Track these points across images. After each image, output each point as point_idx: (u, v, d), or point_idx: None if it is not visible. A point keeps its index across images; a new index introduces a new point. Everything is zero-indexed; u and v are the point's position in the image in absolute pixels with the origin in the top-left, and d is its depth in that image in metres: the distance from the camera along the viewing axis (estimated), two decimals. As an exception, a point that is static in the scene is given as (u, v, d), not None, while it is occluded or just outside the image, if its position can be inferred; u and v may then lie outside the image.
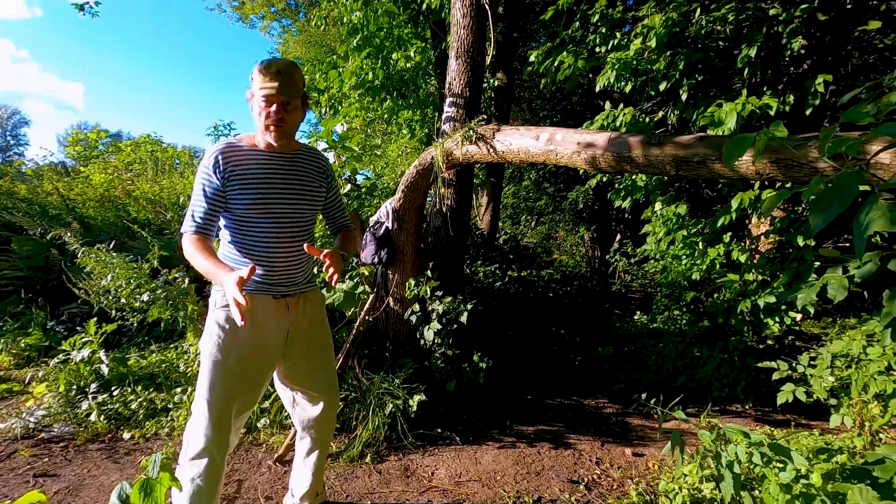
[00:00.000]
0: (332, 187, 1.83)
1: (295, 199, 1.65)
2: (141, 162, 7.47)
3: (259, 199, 1.57)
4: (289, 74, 1.52)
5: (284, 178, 1.63)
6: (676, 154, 1.85)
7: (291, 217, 1.65)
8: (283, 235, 1.63)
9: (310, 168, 1.71)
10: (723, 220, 4.13)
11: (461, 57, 3.55)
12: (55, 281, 3.87)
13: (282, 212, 1.62)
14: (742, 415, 3.55)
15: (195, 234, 1.55)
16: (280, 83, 1.50)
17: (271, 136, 1.57)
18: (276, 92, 1.50)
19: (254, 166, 1.59)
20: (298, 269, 1.72)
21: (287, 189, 1.63)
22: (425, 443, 2.73)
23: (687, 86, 3.81)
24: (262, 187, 1.58)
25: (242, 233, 1.61)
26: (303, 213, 1.69)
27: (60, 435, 2.58)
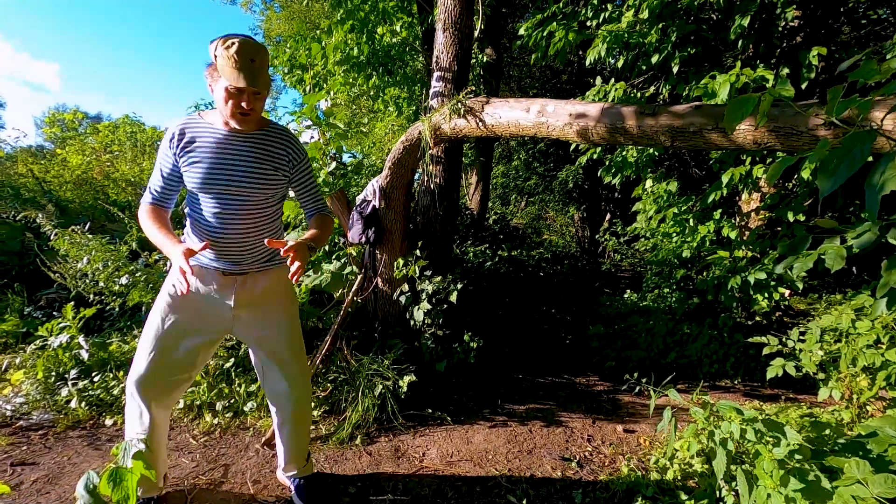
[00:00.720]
0: (300, 169, 1.74)
1: (242, 180, 1.60)
2: (120, 143, 7.23)
3: (205, 177, 1.56)
4: (262, 62, 1.47)
5: (235, 159, 1.59)
6: (672, 124, 1.79)
7: (236, 198, 1.61)
8: (229, 216, 1.62)
9: (268, 149, 1.64)
10: (714, 195, 4.10)
11: (448, 29, 3.43)
12: (31, 266, 3.74)
13: (225, 192, 1.59)
14: (731, 390, 3.58)
15: (150, 204, 1.61)
16: (254, 73, 1.44)
17: (238, 123, 1.55)
18: (248, 83, 1.44)
19: (208, 144, 1.57)
20: (248, 249, 1.70)
21: (235, 170, 1.58)
22: (416, 423, 2.70)
23: (679, 58, 3.73)
24: (210, 166, 1.56)
25: (193, 208, 1.64)
26: (250, 195, 1.63)
27: (39, 423, 2.50)
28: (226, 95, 1.48)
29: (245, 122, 1.55)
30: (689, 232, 4.51)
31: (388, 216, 3.13)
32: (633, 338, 4.21)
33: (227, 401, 2.65)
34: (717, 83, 3.21)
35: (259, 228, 1.69)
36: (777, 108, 1.61)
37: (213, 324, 1.71)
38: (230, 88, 1.47)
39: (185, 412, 2.62)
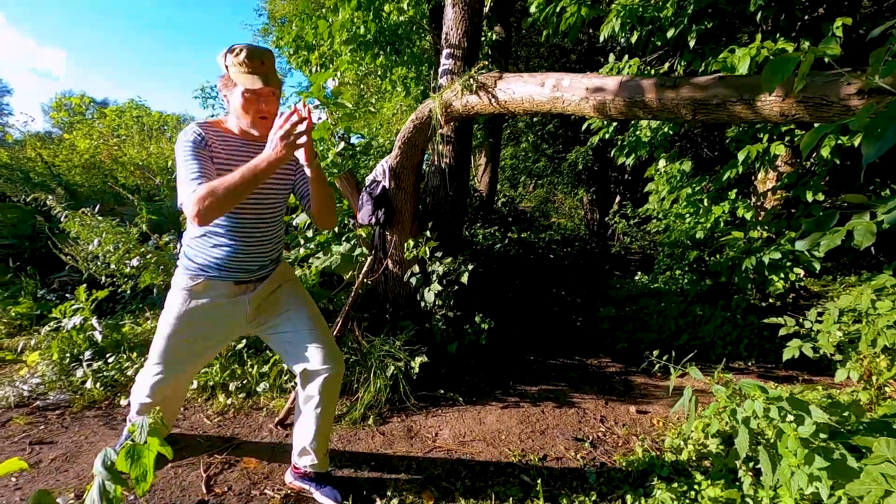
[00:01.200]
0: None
1: (269, 192, 1.62)
2: (127, 127, 7.21)
3: None
4: (271, 63, 1.49)
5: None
6: (693, 96, 1.73)
7: (262, 210, 1.62)
8: (254, 227, 1.62)
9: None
10: (729, 174, 4.01)
11: (458, 4, 3.34)
12: (43, 249, 3.75)
13: (254, 209, 1.60)
14: (745, 371, 3.54)
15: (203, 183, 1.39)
16: (268, 75, 1.46)
17: (260, 129, 1.54)
18: (264, 83, 1.46)
19: (226, 154, 1.53)
20: (264, 257, 1.69)
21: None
22: (428, 404, 2.70)
23: (696, 32, 3.61)
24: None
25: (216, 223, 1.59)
26: (274, 203, 1.66)
27: (56, 402, 2.53)
28: (244, 102, 1.49)
29: (265, 127, 1.53)
30: (702, 213, 4.43)
31: (398, 197, 3.09)
32: (644, 320, 4.17)
33: (239, 381, 2.66)
34: (736, 57, 3.11)
35: (274, 234, 1.70)
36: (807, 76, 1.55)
37: (228, 332, 1.73)
38: (246, 94, 1.48)
39: (199, 392, 2.63)
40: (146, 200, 4.78)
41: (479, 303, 3.81)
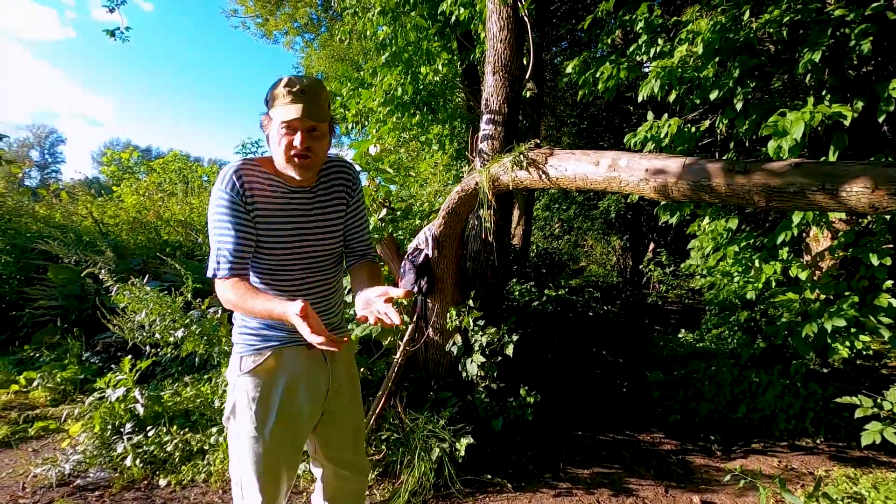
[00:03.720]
0: (355, 202, 1.50)
1: (322, 238, 1.41)
2: (171, 182, 7.52)
3: (283, 241, 1.34)
4: (315, 94, 1.24)
5: (308, 217, 1.38)
6: (767, 183, 1.64)
7: (319, 258, 1.42)
8: (311, 279, 1.41)
9: (331, 192, 1.43)
10: (783, 236, 3.84)
11: (499, 72, 3.39)
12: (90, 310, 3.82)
13: (309, 255, 1.39)
14: (814, 451, 3.26)
15: (231, 278, 1.25)
16: (305, 104, 1.21)
17: (295, 170, 1.28)
18: (302, 115, 1.20)
19: (275, 199, 1.32)
20: (331, 310, 1.48)
21: (312, 228, 1.39)
22: (474, 490, 2.54)
23: (742, 94, 3.55)
24: (285, 227, 1.34)
25: (263, 272, 1.37)
26: (330, 250, 1.45)
27: (96, 482, 2.48)
28: (278, 137, 1.26)
29: (303, 168, 1.28)
30: (753, 272, 4.23)
31: (440, 264, 3.04)
32: (696, 386, 3.92)
33: (279, 461, 2.56)
34: (787, 121, 3.02)
35: (337, 285, 1.50)
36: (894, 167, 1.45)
37: (312, 409, 1.42)
38: (280, 126, 1.24)
39: (238, 473, 2.54)
40: (187, 257, 4.88)
41: (520, 366, 3.66)
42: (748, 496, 2.60)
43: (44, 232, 4.62)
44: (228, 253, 1.26)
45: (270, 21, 15.73)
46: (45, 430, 3.01)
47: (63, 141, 50.61)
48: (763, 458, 3.08)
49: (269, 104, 1.28)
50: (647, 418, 3.63)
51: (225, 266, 1.26)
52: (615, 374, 4.44)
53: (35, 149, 47.94)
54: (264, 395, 1.35)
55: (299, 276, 1.39)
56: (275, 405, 1.36)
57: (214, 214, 1.27)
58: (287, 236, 1.35)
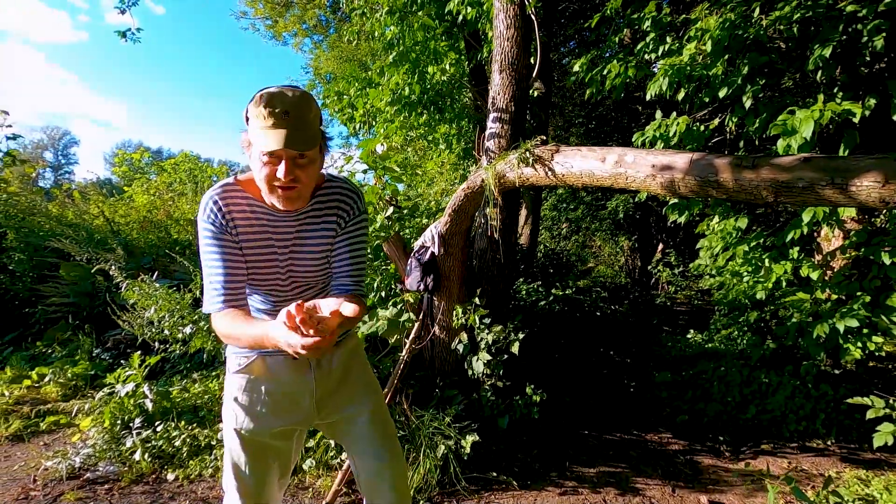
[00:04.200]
0: (351, 226, 1.33)
1: (310, 263, 1.31)
2: (181, 182, 7.60)
3: (257, 272, 1.26)
4: (300, 114, 1.08)
5: (292, 243, 1.27)
6: (776, 178, 1.62)
7: (310, 282, 1.34)
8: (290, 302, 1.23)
9: (325, 218, 1.30)
10: (792, 234, 3.79)
11: (505, 70, 3.39)
12: (101, 307, 3.87)
13: (299, 279, 1.32)
14: (825, 452, 3.21)
15: (225, 309, 1.18)
16: (289, 129, 1.06)
17: (279, 201, 1.15)
18: (285, 143, 1.05)
19: (257, 224, 1.22)
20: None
21: (298, 254, 1.29)
22: (479, 487, 2.53)
23: (752, 92, 3.52)
24: (269, 253, 1.25)
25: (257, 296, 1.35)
26: (314, 279, 1.34)
27: (105, 475, 2.51)
28: (259, 164, 1.12)
29: (290, 201, 1.15)
30: (763, 272, 4.18)
31: (446, 262, 3.05)
32: (704, 387, 3.89)
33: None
34: (797, 119, 2.99)
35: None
36: (907, 161, 1.43)
37: (296, 419, 1.38)
38: (262, 151, 1.08)
39: (245, 468, 2.56)
40: (196, 255, 4.93)
41: (527, 365, 3.65)
42: (757, 497, 2.57)
43: (56, 230, 4.69)
44: (220, 285, 1.18)
45: (280, 23, 15.85)
46: (57, 424, 3.05)
47: (76, 142, 51.36)
48: (772, 459, 3.04)
49: (248, 122, 1.13)
50: (654, 418, 3.60)
51: (218, 299, 1.18)
52: (622, 374, 4.42)
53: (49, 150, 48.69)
54: (247, 395, 1.33)
55: (293, 299, 1.32)
56: (256, 407, 1.33)
57: (202, 247, 1.20)
58: (272, 262, 1.26)
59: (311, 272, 1.32)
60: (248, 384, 1.34)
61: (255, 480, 1.34)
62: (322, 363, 1.39)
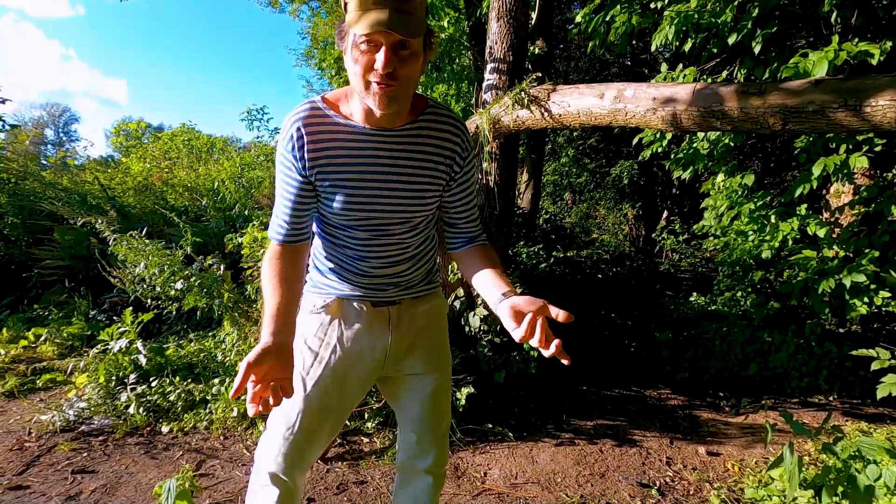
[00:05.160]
0: (465, 172, 1.17)
1: (404, 202, 1.12)
2: (177, 150, 7.50)
3: (349, 204, 1.10)
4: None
5: (390, 173, 1.09)
6: (784, 103, 1.52)
7: (398, 224, 1.15)
8: (385, 243, 1.17)
9: (430, 145, 1.11)
10: (801, 189, 3.67)
11: (503, 17, 3.23)
12: (96, 270, 3.84)
13: (383, 221, 1.14)
14: (826, 407, 3.18)
15: (280, 245, 1.13)
16: (391, 12, 0.91)
17: (374, 100, 0.97)
18: (387, 25, 0.90)
19: (345, 153, 1.07)
20: (409, 270, 1.23)
21: (392, 188, 1.10)
22: (475, 439, 2.51)
23: (762, 37, 3.34)
24: (355, 189, 1.09)
25: (325, 231, 1.20)
26: (415, 215, 1.15)
27: (100, 428, 2.50)
28: (355, 55, 0.96)
29: (386, 97, 0.96)
30: (768, 230, 4.08)
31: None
32: (706, 346, 3.85)
33: (279, 410, 2.56)
34: (810, 62, 2.83)
35: (418, 250, 1.23)
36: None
37: (363, 373, 1.25)
38: (361, 35, 0.93)
39: (239, 421, 2.55)
40: (194, 221, 4.87)
41: (526, 326, 3.62)
42: (756, 448, 2.54)
43: (49, 194, 4.63)
44: (277, 217, 1.14)
45: (276, -11, 15.37)
46: (53, 381, 3.05)
47: (77, 119, 50.93)
48: (773, 414, 3.01)
49: (345, 7, 0.98)
50: (654, 376, 3.57)
51: (274, 230, 1.14)
52: (624, 335, 4.38)
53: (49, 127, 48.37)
54: (318, 339, 1.23)
55: (363, 236, 1.16)
56: (326, 351, 1.22)
57: (277, 172, 1.12)
58: (357, 196, 1.10)
59: (401, 205, 1.13)
60: (321, 328, 1.23)
61: (307, 430, 1.19)
62: (403, 318, 1.25)
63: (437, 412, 1.29)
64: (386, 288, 1.22)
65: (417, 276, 1.26)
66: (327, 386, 1.20)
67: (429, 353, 1.29)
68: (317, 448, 1.24)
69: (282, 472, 1.17)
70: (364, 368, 1.24)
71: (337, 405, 1.24)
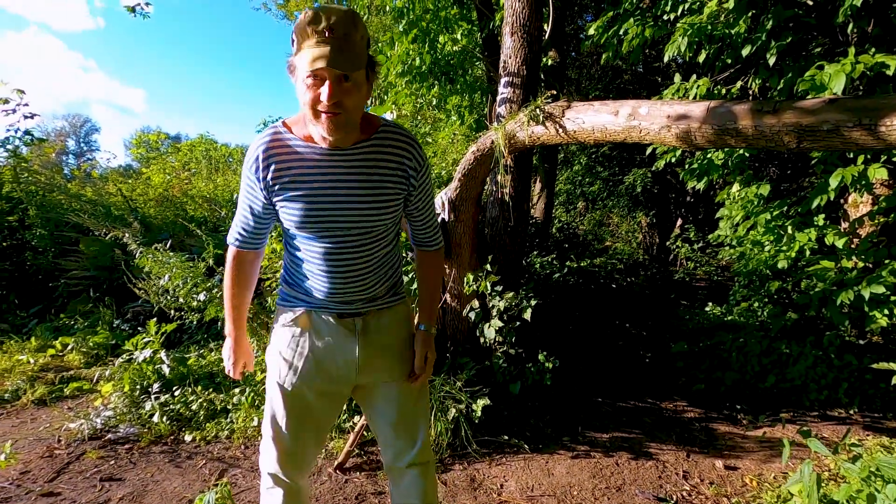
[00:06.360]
0: (421, 185, 1.30)
1: (362, 212, 1.21)
2: (196, 161, 7.67)
3: (309, 216, 1.19)
4: (346, 32, 1.03)
5: (347, 185, 1.19)
6: (799, 122, 1.54)
7: (357, 235, 1.24)
8: (342, 256, 1.24)
9: (384, 161, 1.21)
10: (818, 200, 3.65)
11: (517, 32, 3.28)
12: (120, 280, 3.95)
13: (344, 232, 1.22)
14: (846, 421, 3.14)
15: (237, 249, 1.32)
16: (332, 48, 1.01)
17: (323, 127, 1.09)
18: (328, 62, 1.00)
19: (306, 171, 1.17)
20: (373, 284, 1.31)
21: (350, 200, 1.19)
22: (491, 450, 2.54)
23: (776, 48, 3.35)
24: (315, 202, 1.19)
25: (291, 244, 1.30)
26: (374, 225, 1.24)
27: (126, 436, 2.58)
28: (303, 87, 1.07)
29: (333, 125, 1.08)
30: (785, 240, 4.05)
31: (457, 229, 3.01)
32: (722, 357, 3.82)
33: (299, 420, 2.62)
34: (826, 74, 2.83)
35: (380, 262, 1.31)
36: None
37: (336, 379, 1.33)
38: (306, 70, 1.03)
39: (259, 430, 2.60)
40: (213, 232, 4.98)
41: (540, 336, 3.63)
42: (774, 462, 2.52)
43: (75, 206, 4.78)
44: (237, 226, 1.31)
45: (291, 1, 15.70)
46: (80, 390, 3.15)
47: (97, 129, 52.10)
48: (792, 428, 2.98)
49: (293, 45, 1.09)
50: (670, 387, 3.55)
51: (233, 237, 1.32)
52: (638, 346, 4.36)
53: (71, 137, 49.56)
54: (291, 350, 1.32)
55: (326, 248, 1.24)
56: (300, 362, 1.30)
57: (241, 188, 1.27)
58: (316, 210, 1.19)
59: (359, 216, 1.22)
60: (293, 338, 1.32)
61: (291, 434, 1.32)
62: (369, 326, 1.33)
63: (412, 413, 1.40)
64: (352, 301, 1.30)
65: (382, 290, 1.35)
66: (303, 392, 1.31)
67: (397, 360, 1.39)
68: (307, 451, 1.37)
69: (281, 474, 1.33)
70: (336, 375, 1.33)
71: (315, 410, 1.34)
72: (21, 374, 3.29)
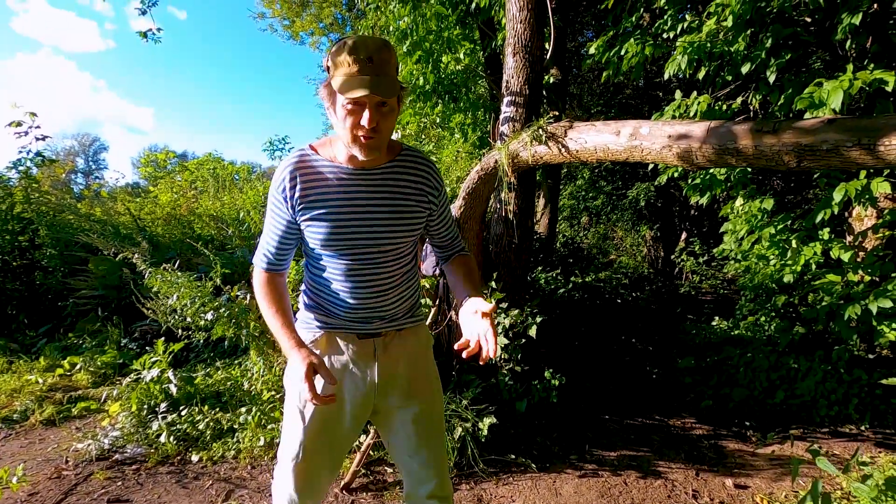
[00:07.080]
0: (441, 203, 1.38)
1: (379, 232, 1.26)
2: (203, 180, 7.76)
3: (336, 235, 1.24)
4: (383, 62, 1.09)
5: (368, 204, 1.25)
6: (798, 142, 1.56)
7: (372, 253, 1.28)
8: (364, 274, 1.29)
9: (405, 183, 1.29)
10: (822, 214, 3.65)
11: (519, 53, 3.35)
12: (128, 299, 3.98)
13: (366, 248, 1.27)
14: (858, 437, 3.10)
15: (266, 272, 1.33)
16: (372, 77, 1.07)
17: (361, 150, 1.16)
18: (370, 89, 1.06)
19: (332, 190, 1.23)
20: (393, 302, 1.34)
21: (369, 219, 1.25)
22: (498, 470, 2.52)
23: (776, 65, 3.39)
24: (336, 219, 1.23)
25: (314, 265, 1.33)
26: (390, 247, 1.30)
27: (133, 456, 2.58)
28: (343, 113, 1.12)
29: (370, 150, 1.15)
30: (791, 254, 4.04)
31: (461, 247, 3.03)
32: (730, 372, 3.79)
33: (305, 439, 2.61)
34: (824, 91, 2.86)
35: (400, 281, 1.35)
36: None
37: (357, 404, 1.35)
38: (347, 99, 1.09)
39: (265, 450, 2.61)
40: (219, 250, 5.03)
41: (546, 353, 3.62)
42: (784, 481, 2.49)
43: (85, 226, 4.85)
44: (267, 247, 1.32)
45: (297, 23, 16.01)
46: (87, 410, 3.16)
47: (106, 148, 52.91)
48: (802, 445, 2.95)
49: (329, 71, 1.14)
50: (677, 404, 3.53)
51: (261, 258, 1.33)
52: (645, 361, 4.34)
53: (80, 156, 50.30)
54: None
55: (356, 272, 1.29)
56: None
57: (267, 210, 1.31)
58: (343, 229, 1.24)
59: (382, 234, 1.28)
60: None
61: (309, 459, 1.32)
62: (389, 349, 1.36)
63: (432, 439, 1.38)
64: (371, 320, 1.33)
65: (402, 310, 1.38)
66: (323, 416, 1.31)
67: (416, 384, 1.39)
68: (324, 476, 1.37)
69: (297, 501, 1.31)
70: (356, 398, 1.34)
71: (335, 434, 1.34)
72: (30, 393, 3.32)
